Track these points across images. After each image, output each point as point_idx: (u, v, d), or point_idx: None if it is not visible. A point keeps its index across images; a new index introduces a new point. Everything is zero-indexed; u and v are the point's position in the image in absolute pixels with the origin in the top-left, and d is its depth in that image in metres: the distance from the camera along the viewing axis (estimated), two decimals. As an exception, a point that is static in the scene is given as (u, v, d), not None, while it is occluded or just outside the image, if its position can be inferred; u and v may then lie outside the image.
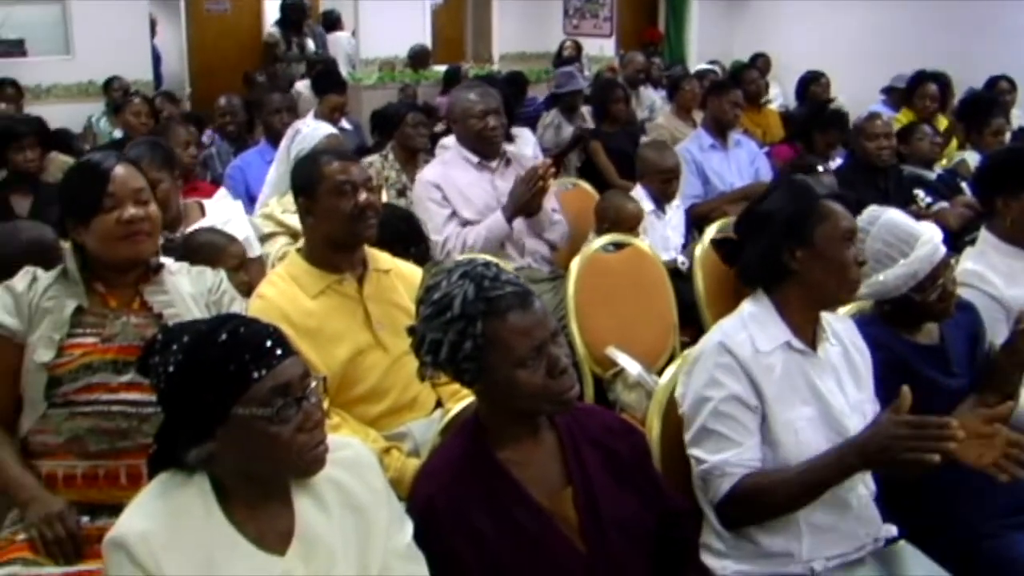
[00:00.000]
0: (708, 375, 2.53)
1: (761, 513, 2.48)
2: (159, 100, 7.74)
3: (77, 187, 2.72)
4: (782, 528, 2.48)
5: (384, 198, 4.70)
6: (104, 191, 2.64)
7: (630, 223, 4.60)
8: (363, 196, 3.01)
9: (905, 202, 5.03)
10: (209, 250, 3.37)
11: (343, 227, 3.01)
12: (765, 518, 2.49)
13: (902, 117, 7.31)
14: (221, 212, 4.13)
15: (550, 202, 4.57)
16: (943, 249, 2.90)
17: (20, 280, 2.69)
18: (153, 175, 3.59)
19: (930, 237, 2.90)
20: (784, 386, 2.51)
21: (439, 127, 7.38)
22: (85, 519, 2.52)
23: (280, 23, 11.57)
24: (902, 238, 2.90)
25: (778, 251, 2.55)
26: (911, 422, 2.21)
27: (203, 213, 4.10)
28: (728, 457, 2.46)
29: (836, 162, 6.13)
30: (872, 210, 3.00)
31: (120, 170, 2.69)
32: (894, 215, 2.98)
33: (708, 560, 2.52)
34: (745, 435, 2.48)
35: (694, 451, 2.53)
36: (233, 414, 1.80)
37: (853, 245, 2.57)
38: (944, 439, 2.17)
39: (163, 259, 2.85)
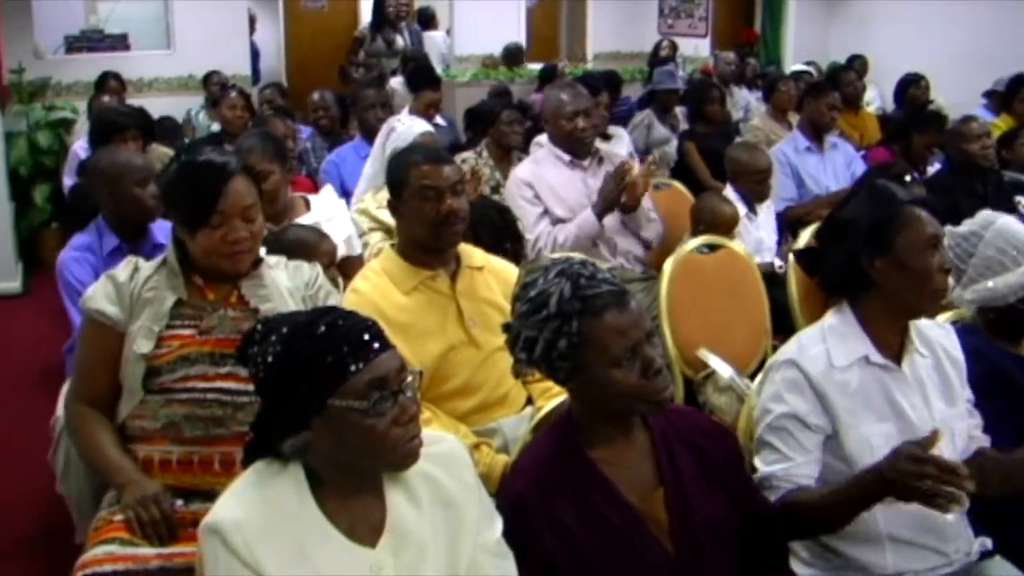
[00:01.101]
0: (774, 388, 2.51)
1: (800, 529, 2.44)
2: (269, 92, 7.79)
3: (188, 194, 2.69)
4: (864, 540, 2.44)
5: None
6: (213, 208, 2.64)
7: (727, 226, 4.55)
8: (448, 202, 3.00)
9: (1005, 209, 4.90)
10: (300, 247, 3.39)
11: (426, 232, 3.03)
12: (806, 535, 2.47)
13: (1001, 123, 7.12)
14: (325, 208, 4.16)
15: (646, 200, 4.54)
16: None
17: (122, 271, 2.75)
18: (264, 166, 3.66)
19: None
20: (859, 402, 2.47)
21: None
22: (179, 503, 2.56)
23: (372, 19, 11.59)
24: (1017, 246, 2.82)
25: (858, 260, 2.50)
26: (919, 458, 2.13)
27: (308, 208, 4.14)
28: (776, 470, 2.45)
29: (935, 166, 6.02)
30: (985, 214, 2.94)
31: (235, 185, 2.68)
32: (1009, 221, 2.91)
33: (796, 567, 2.49)
34: (798, 452, 2.45)
35: (755, 459, 2.53)
36: (330, 405, 1.81)
37: (937, 252, 2.48)
38: (948, 483, 2.10)
39: (261, 253, 2.88)
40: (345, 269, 3.70)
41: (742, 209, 4.98)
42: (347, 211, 4.30)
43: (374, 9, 11.26)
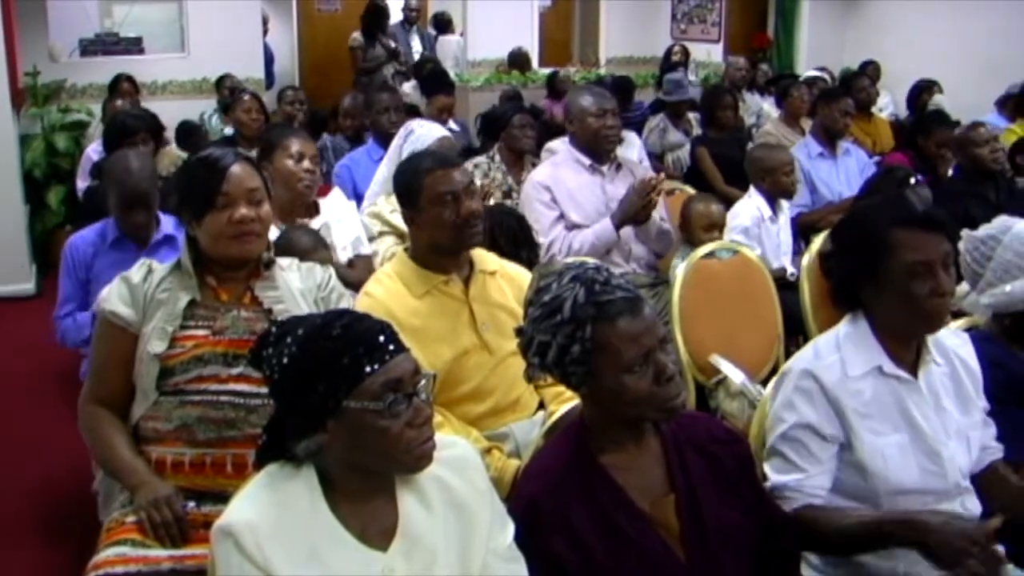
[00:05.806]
0: (786, 396, 2.49)
1: (813, 546, 2.43)
2: (291, 94, 7.79)
3: (193, 182, 2.76)
4: None
5: (492, 200, 4.74)
6: (219, 189, 2.68)
7: (718, 216, 4.66)
8: (466, 204, 3.00)
9: (1019, 216, 4.88)
10: (290, 252, 3.39)
11: (448, 236, 3.02)
12: (817, 552, 2.45)
13: (1017, 128, 7.10)
14: (334, 211, 4.18)
15: (658, 211, 4.54)
16: None
17: (136, 272, 2.76)
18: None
19: None
20: (873, 412, 2.45)
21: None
22: (191, 505, 2.57)
23: (363, 28, 11.24)
24: None
25: (851, 284, 2.51)
26: (977, 542, 2.12)
27: (317, 211, 4.16)
28: (788, 481, 2.44)
29: (951, 168, 6.00)
30: (1003, 219, 2.93)
31: (236, 169, 2.73)
32: None
33: (808, 573, 2.49)
34: (811, 463, 2.44)
35: (764, 465, 2.52)
36: (345, 407, 1.82)
37: (930, 278, 2.38)
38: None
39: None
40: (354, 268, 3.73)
41: (767, 211, 4.99)
42: (356, 212, 4.32)
43: (365, 16, 10.95)
